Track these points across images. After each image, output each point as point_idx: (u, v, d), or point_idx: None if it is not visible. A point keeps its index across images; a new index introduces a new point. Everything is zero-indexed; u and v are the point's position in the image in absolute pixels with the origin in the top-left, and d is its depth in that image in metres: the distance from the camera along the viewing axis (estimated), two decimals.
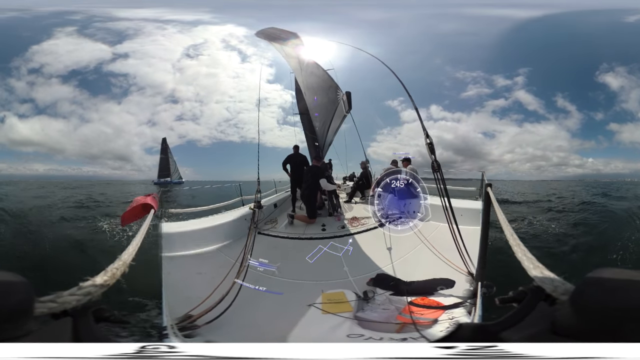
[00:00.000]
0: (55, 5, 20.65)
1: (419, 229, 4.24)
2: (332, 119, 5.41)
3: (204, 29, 22.63)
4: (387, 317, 2.60)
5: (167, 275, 2.67)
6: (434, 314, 2.56)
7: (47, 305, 0.80)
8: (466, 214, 3.69)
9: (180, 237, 3.88)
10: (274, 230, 4.99)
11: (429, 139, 3.26)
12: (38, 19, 20.24)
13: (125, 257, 1.34)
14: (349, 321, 2.54)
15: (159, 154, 29.45)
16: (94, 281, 1.01)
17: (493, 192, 2.53)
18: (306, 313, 2.74)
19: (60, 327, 0.80)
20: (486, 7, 20.16)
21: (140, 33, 21.03)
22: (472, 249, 2.87)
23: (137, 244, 1.60)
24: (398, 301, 2.84)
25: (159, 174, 30.52)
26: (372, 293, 2.99)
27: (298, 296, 3.04)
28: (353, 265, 3.65)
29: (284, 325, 2.55)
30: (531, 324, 0.81)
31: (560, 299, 0.86)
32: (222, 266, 3.42)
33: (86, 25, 20.16)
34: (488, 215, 2.54)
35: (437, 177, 3.07)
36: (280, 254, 4.06)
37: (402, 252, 3.87)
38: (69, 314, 0.84)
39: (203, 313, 2.57)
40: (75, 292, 0.90)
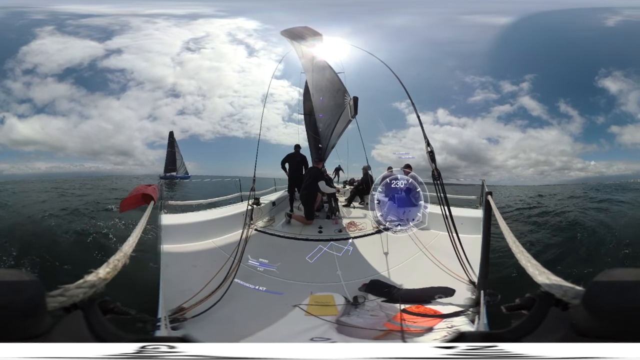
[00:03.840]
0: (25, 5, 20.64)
1: (418, 237, 4.21)
2: (337, 122, 5.41)
3: (206, 21, 22.57)
4: (372, 324, 2.54)
5: (165, 267, 2.67)
6: (429, 322, 2.51)
7: (57, 300, 0.82)
8: (467, 222, 3.68)
9: (178, 230, 3.85)
10: (270, 228, 4.95)
11: (430, 147, 3.26)
12: (15, 19, 20.32)
13: (125, 249, 1.36)
14: (326, 325, 2.49)
15: (165, 148, 29.16)
16: (97, 273, 1.04)
17: (494, 199, 2.52)
18: (288, 313, 2.72)
19: (73, 321, 0.82)
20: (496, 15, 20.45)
21: (127, 28, 21.10)
22: (472, 258, 2.84)
23: (137, 235, 1.61)
24: (390, 308, 2.79)
25: (166, 168, 30.13)
26: (363, 298, 2.95)
27: (286, 296, 3.02)
28: (347, 270, 3.62)
29: (261, 323, 2.53)
30: (550, 330, 0.81)
31: (572, 303, 0.85)
32: (217, 260, 3.41)
33: (62, 24, 20.24)
34: (489, 223, 2.52)
35: (437, 185, 3.06)
36: (275, 252, 4.03)
37: (400, 259, 3.84)
38: (78, 307, 0.86)
39: (193, 306, 2.57)
40: (81, 284, 0.92)
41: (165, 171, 29.95)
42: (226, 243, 4.00)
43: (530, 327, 0.83)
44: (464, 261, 2.90)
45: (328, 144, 6.08)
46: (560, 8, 19.59)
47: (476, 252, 2.63)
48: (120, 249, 1.33)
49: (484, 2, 21.09)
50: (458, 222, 3.06)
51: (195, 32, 22.57)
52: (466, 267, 2.89)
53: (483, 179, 4.12)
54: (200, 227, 4.12)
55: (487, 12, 20.65)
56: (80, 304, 0.87)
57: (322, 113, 5.65)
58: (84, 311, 0.85)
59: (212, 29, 22.85)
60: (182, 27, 22.27)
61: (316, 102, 5.80)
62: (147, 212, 2.22)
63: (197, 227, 4.10)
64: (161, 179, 27.48)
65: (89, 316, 0.84)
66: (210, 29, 22.83)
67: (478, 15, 20.72)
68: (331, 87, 5.03)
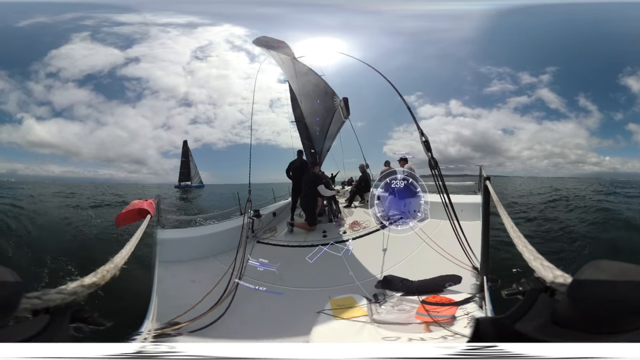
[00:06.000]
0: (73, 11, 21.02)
1: (421, 228, 4.20)
2: (330, 125, 5.45)
3: (204, 30, 22.74)
4: (406, 318, 2.53)
5: (160, 282, 2.64)
6: (449, 310, 2.51)
7: (31, 302, 0.79)
8: (466, 208, 3.67)
9: (175, 244, 3.84)
10: (273, 239, 4.93)
11: (424, 137, 3.28)
12: (57, 24, 20.71)
13: (117, 260, 1.32)
14: (368, 325, 2.43)
15: (180, 158, 29.17)
16: (82, 281, 1.00)
17: (502, 190, 2.51)
18: (316, 320, 2.62)
19: (31, 324, 0.78)
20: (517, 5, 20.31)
21: (147, 37, 21.50)
22: (474, 244, 2.84)
23: (130, 248, 1.59)
24: (410, 301, 2.78)
25: (180, 177, 30.03)
26: (383, 295, 2.93)
27: (304, 304, 2.97)
28: (358, 269, 3.61)
29: (294, 333, 2.41)
30: (534, 316, 0.81)
31: (560, 290, 0.86)
32: (217, 275, 3.38)
33: (97, 30, 20.67)
34: (488, 209, 2.52)
35: (435, 174, 3.07)
36: (282, 262, 4.01)
37: (406, 252, 3.83)
38: (49, 312, 0.83)
39: (190, 321, 2.51)
40: (62, 290, 0.89)
41: (179, 180, 29.89)
42: (226, 257, 3.97)
43: (521, 312, 0.83)
44: (466, 248, 2.90)
45: (323, 147, 6.10)
46: (587, 1, 19.46)
47: (478, 238, 2.62)
48: (111, 259, 1.29)
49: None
50: (458, 209, 3.05)
51: (200, 40, 22.89)
52: (469, 253, 2.89)
53: (481, 165, 4.14)
54: (199, 241, 4.10)
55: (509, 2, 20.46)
56: (53, 309, 0.84)
57: (318, 116, 5.69)
58: (52, 316, 0.82)
59: (211, 36, 23.10)
60: (188, 36, 22.64)
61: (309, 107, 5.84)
62: (142, 226, 2.20)
63: (196, 241, 4.08)
64: (176, 188, 27.53)
65: (52, 322, 0.80)
66: (210, 37, 23.09)
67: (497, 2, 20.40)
68: (319, 92, 5.08)
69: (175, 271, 3.45)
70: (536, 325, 0.77)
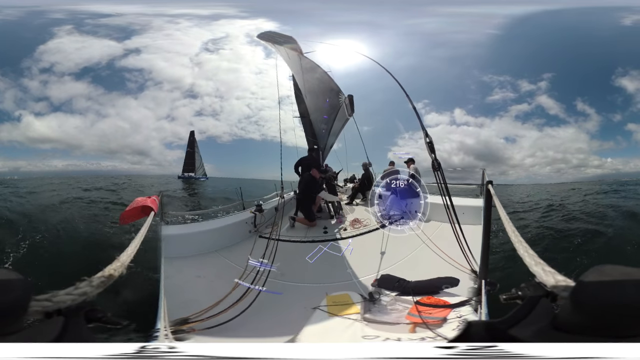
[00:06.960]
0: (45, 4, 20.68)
1: (421, 229, 4.21)
2: (334, 122, 5.44)
3: (227, 22, 22.24)
4: (396, 318, 2.56)
5: (166, 278, 2.67)
6: (442, 312, 2.53)
7: (41, 304, 0.79)
8: (468, 212, 3.67)
9: (180, 240, 3.87)
10: (275, 233, 4.97)
11: (429, 138, 3.27)
12: (32, 18, 20.38)
13: (123, 259, 1.32)
14: (358, 323, 2.46)
15: (184, 149, 28.34)
16: (90, 281, 1.00)
17: (501, 194, 2.52)
18: (311, 316, 2.66)
19: (49, 326, 0.79)
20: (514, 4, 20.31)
21: (148, 28, 21.05)
22: (475, 247, 2.85)
23: (135, 246, 1.58)
24: (405, 301, 2.80)
25: (184, 168, 29.48)
26: (378, 294, 2.95)
27: (301, 299, 2.99)
28: (356, 267, 3.62)
29: (290, 329, 2.45)
30: (534, 321, 0.81)
31: (562, 295, 0.86)
32: (222, 270, 3.42)
33: (81, 23, 20.29)
34: (489, 213, 2.52)
35: (438, 176, 3.07)
36: (283, 257, 4.05)
37: (405, 252, 3.84)
38: (62, 313, 0.83)
39: (203, 319, 2.54)
40: (71, 291, 0.89)
41: (183, 171, 29.38)
42: (230, 252, 4.01)
43: (520, 317, 0.83)
44: (466, 251, 2.91)
45: (326, 144, 6.10)
46: (577, 6, 19.53)
47: (479, 242, 2.63)
48: (117, 258, 1.29)
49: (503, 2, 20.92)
50: (459, 212, 3.05)
51: (216, 32, 22.33)
52: (468, 256, 2.90)
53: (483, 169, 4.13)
54: (203, 236, 4.13)
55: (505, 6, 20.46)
56: (65, 310, 0.83)
57: (326, 114, 5.68)
58: (66, 318, 0.81)
59: (232, 29, 22.59)
60: (203, 28, 22.08)
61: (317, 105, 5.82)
62: (147, 223, 2.21)
63: (200, 236, 4.11)
64: (179, 179, 27.55)
65: (68, 324, 0.80)
66: (231, 30, 22.56)
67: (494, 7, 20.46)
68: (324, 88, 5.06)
69: (181, 267, 3.48)
70: (535, 330, 0.76)
